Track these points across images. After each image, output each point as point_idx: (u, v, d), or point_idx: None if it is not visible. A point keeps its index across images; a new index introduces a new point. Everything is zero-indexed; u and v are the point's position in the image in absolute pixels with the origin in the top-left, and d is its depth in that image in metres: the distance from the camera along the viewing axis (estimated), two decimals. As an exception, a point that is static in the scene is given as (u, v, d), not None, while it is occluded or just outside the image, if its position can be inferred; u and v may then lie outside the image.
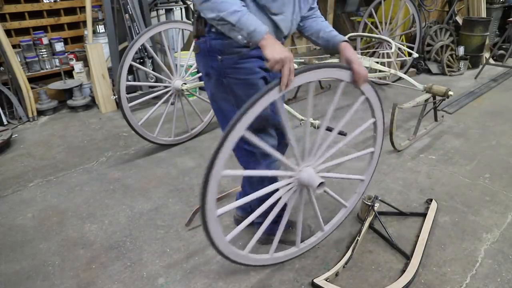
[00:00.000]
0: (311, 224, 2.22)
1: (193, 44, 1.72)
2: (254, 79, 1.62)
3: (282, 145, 1.98)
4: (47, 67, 4.21)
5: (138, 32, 3.88)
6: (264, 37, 1.40)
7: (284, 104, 2.49)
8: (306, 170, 1.70)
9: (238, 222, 2.19)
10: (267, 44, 1.41)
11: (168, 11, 4.54)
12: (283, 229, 1.81)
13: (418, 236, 2.12)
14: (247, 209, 2.10)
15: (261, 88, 1.47)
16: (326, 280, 1.82)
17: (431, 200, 2.42)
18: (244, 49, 1.56)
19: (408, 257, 1.97)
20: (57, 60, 4.25)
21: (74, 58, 4.31)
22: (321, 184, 1.66)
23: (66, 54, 4.30)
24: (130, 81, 4.03)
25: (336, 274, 1.88)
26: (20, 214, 2.44)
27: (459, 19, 5.81)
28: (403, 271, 1.89)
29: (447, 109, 3.95)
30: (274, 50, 1.40)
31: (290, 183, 1.69)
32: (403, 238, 2.15)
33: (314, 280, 1.82)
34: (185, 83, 3.17)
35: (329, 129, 2.25)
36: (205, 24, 1.56)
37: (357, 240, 2.03)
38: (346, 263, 1.92)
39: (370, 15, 4.97)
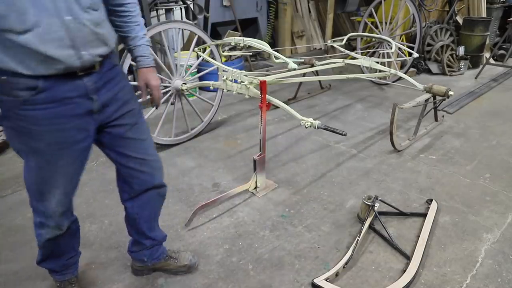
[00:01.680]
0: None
1: None
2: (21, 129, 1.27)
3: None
4: (47, 67, 4.20)
5: (138, 32, 3.87)
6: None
7: (284, 104, 2.51)
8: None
9: (136, 272, 1.93)
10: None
11: (168, 11, 4.53)
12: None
13: (418, 237, 2.12)
14: (143, 260, 1.86)
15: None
16: (326, 280, 1.82)
17: (431, 200, 2.42)
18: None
19: (408, 257, 1.97)
20: (57, 60, 4.24)
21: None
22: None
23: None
24: (130, 81, 4.01)
25: (336, 274, 1.87)
26: (20, 214, 2.43)
27: (460, 19, 5.81)
28: (403, 271, 1.88)
29: (447, 109, 3.95)
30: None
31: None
32: (403, 238, 2.15)
33: (314, 280, 1.82)
34: (185, 83, 3.16)
35: (327, 129, 2.26)
36: None
37: (357, 240, 2.02)
38: (346, 263, 1.92)
39: (370, 15, 4.96)
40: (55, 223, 1.48)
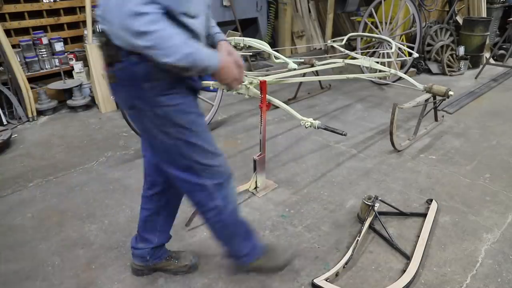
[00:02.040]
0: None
1: (102, 72, 1.41)
2: (191, 100, 1.41)
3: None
4: (46, 67, 4.21)
5: (138, 32, 3.88)
6: (218, 67, 1.31)
7: (284, 104, 2.51)
8: None
9: (137, 272, 1.92)
10: (222, 69, 1.33)
11: (168, 11, 4.53)
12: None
13: (418, 236, 2.12)
14: (145, 258, 1.86)
15: (198, 107, 1.44)
16: (326, 280, 1.82)
17: (431, 200, 2.42)
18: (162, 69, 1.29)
19: (408, 257, 1.97)
20: (56, 60, 4.24)
21: (74, 58, 4.30)
22: None
23: (66, 54, 4.29)
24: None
25: (336, 274, 1.87)
26: (20, 214, 2.43)
27: (459, 19, 5.81)
28: (403, 271, 1.88)
29: (447, 109, 3.95)
30: (229, 72, 1.38)
31: None
32: (403, 238, 2.15)
33: (314, 280, 1.82)
34: (185, 83, 3.16)
35: (327, 129, 2.26)
36: (119, 47, 1.20)
37: (357, 240, 2.02)
38: (346, 263, 1.91)
39: (370, 15, 4.96)
40: (230, 174, 1.62)
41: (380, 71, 3.55)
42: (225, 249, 1.77)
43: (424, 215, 2.28)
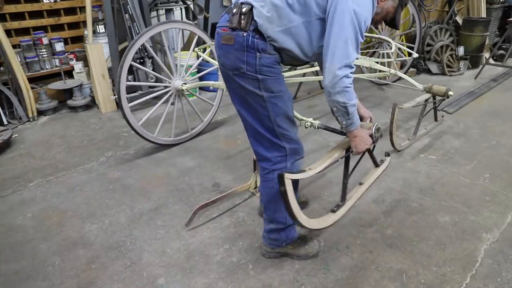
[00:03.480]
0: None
1: (219, 34, 1.66)
2: (281, 78, 1.70)
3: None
4: (47, 67, 4.21)
5: (138, 32, 3.88)
6: (355, 130, 1.77)
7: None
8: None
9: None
10: (356, 135, 1.81)
11: (168, 11, 4.53)
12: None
13: (361, 183, 2.25)
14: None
15: (285, 85, 1.73)
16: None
17: (389, 154, 2.52)
18: (278, 53, 1.62)
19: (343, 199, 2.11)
20: (57, 60, 4.25)
21: (74, 58, 4.31)
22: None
23: (66, 54, 4.30)
24: (130, 81, 4.03)
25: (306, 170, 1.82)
26: (20, 214, 2.44)
27: (459, 19, 5.81)
28: (333, 211, 2.04)
29: (447, 109, 3.95)
30: (361, 143, 1.85)
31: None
32: (403, 238, 2.15)
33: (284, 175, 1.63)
34: (185, 83, 3.17)
35: (327, 129, 2.26)
36: (251, 20, 1.55)
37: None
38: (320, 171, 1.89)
39: (370, 15, 4.95)
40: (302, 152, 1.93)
41: (380, 71, 3.55)
42: (269, 220, 1.92)
43: (377, 165, 2.36)
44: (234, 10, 1.59)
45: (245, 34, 1.56)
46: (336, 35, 1.50)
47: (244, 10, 1.56)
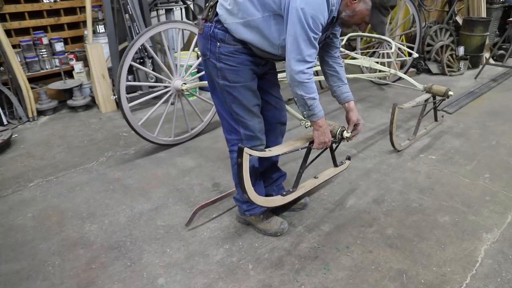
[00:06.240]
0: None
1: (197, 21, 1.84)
2: (243, 69, 1.81)
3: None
4: (47, 67, 4.21)
5: (138, 32, 3.88)
6: (318, 121, 1.85)
7: (284, 104, 2.50)
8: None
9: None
10: (320, 126, 1.88)
11: (168, 11, 4.53)
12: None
13: (316, 177, 2.32)
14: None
15: (248, 77, 1.82)
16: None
17: (349, 158, 2.57)
18: (240, 44, 1.76)
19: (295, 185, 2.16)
20: (57, 60, 4.25)
21: (74, 58, 4.31)
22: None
23: (66, 54, 4.29)
24: (130, 81, 4.03)
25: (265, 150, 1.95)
26: (20, 214, 2.44)
27: (459, 19, 5.81)
28: (283, 195, 2.11)
29: (447, 109, 3.95)
30: (322, 134, 1.90)
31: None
32: (403, 238, 2.15)
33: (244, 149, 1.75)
34: (185, 83, 3.16)
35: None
36: (216, 14, 1.75)
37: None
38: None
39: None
40: (261, 139, 2.00)
41: (380, 71, 3.55)
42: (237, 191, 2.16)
43: (336, 164, 2.44)
44: (207, 4, 1.83)
45: (209, 25, 1.77)
46: (288, 32, 1.63)
47: (212, 3, 1.79)
